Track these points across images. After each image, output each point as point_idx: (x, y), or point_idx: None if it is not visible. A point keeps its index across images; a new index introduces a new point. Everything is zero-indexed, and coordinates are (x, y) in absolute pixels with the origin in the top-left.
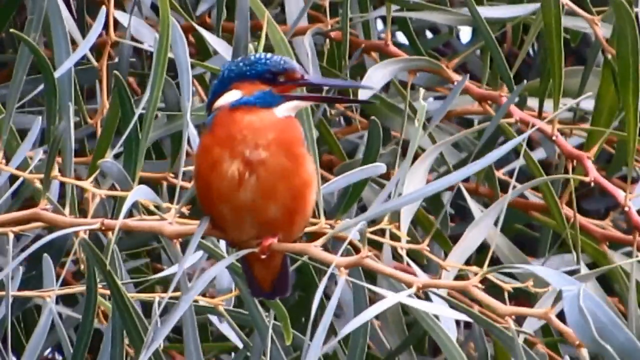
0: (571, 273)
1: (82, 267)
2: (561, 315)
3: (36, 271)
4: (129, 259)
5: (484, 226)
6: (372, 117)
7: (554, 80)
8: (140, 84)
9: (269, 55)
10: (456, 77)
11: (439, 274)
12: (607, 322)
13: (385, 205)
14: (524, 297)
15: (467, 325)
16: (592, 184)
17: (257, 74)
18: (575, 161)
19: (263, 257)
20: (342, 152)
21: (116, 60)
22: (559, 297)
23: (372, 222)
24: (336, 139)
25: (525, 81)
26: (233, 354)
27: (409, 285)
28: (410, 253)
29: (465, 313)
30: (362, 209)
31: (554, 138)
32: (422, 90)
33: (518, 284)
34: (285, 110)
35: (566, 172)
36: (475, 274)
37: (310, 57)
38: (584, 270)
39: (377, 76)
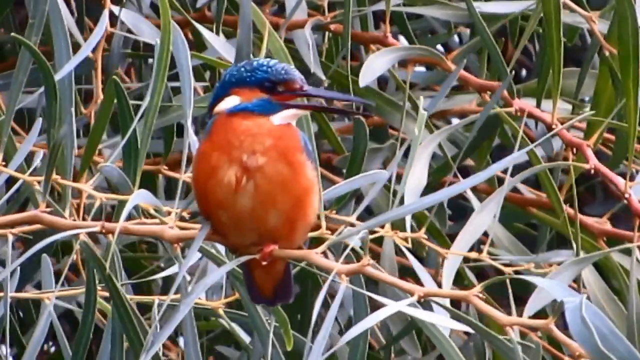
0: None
1: (75, 257)
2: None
3: (33, 262)
4: (126, 249)
5: (485, 216)
6: (357, 117)
7: (554, 71)
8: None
9: (272, 62)
10: (454, 68)
11: (438, 266)
12: (608, 334)
13: (388, 215)
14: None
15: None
16: (594, 186)
17: (256, 81)
18: (575, 150)
19: (264, 263)
20: (341, 146)
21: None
22: (559, 308)
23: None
24: (336, 134)
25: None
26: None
27: (410, 294)
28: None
29: (466, 323)
30: (359, 198)
31: (553, 127)
32: (422, 98)
33: (519, 267)
34: (282, 118)
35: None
36: (475, 261)
37: (311, 48)
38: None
39: (376, 64)
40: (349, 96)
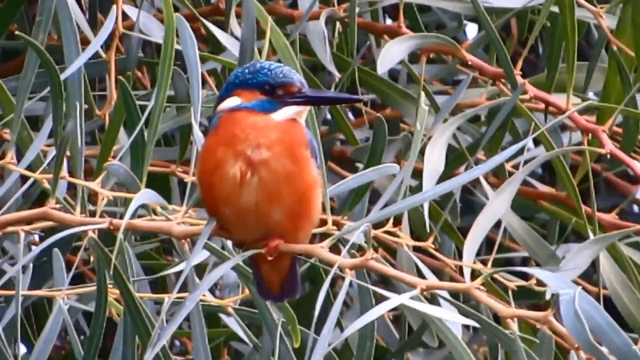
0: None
1: (92, 259)
2: None
3: (46, 258)
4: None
5: (496, 207)
6: (377, 115)
7: (568, 58)
8: (150, 73)
9: (273, 65)
10: (470, 57)
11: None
12: (603, 325)
13: (392, 208)
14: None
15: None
16: (602, 181)
17: (257, 84)
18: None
19: (270, 258)
20: (355, 138)
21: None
22: (556, 300)
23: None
24: (349, 124)
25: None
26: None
27: (413, 287)
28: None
29: (470, 317)
30: (374, 194)
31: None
32: (422, 95)
33: (522, 282)
34: (282, 115)
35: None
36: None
37: (326, 40)
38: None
39: (393, 52)
40: (347, 95)
